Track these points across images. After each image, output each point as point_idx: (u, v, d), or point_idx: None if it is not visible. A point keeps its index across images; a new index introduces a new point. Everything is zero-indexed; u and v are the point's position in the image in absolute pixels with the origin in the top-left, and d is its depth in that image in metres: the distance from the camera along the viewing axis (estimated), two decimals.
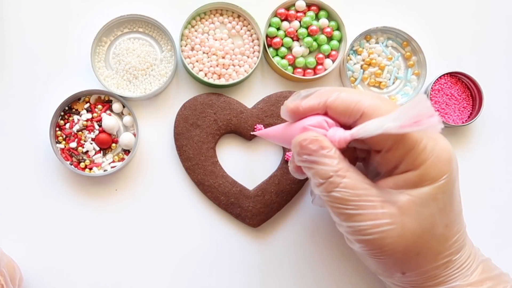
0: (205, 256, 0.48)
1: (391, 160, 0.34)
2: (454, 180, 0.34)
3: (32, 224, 0.47)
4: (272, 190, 0.47)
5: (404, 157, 0.33)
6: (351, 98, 0.34)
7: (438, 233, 0.34)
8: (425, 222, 0.33)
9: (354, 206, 0.33)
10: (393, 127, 0.30)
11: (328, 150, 0.33)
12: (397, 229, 0.33)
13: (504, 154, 0.51)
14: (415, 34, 0.49)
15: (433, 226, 0.34)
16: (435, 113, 0.30)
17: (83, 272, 0.47)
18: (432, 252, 0.34)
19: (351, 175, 0.33)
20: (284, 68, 0.49)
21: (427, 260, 0.34)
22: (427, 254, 0.34)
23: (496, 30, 0.52)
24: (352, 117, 0.34)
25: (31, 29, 0.49)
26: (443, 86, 0.50)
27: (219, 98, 0.48)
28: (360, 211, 0.33)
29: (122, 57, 0.48)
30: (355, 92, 0.35)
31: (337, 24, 0.50)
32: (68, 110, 0.47)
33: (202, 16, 0.49)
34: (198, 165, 0.47)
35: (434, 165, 0.33)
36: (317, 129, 0.34)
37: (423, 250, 0.34)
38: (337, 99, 0.34)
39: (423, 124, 0.30)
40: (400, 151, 0.33)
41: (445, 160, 0.33)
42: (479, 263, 0.37)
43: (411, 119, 0.30)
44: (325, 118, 0.35)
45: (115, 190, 0.48)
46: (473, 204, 0.42)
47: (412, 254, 0.34)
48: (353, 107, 0.34)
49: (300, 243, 0.48)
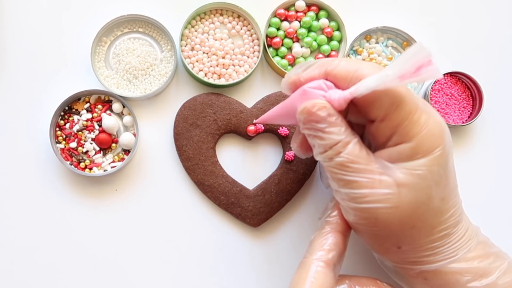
0: (206, 255, 0.48)
1: (384, 131, 0.34)
2: (448, 153, 0.34)
3: (32, 224, 0.47)
4: (272, 189, 0.47)
5: (398, 128, 0.33)
6: (351, 65, 0.34)
7: (434, 206, 0.34)
8: (421, 194, 0.33)
9: (354, 172, 0.33)
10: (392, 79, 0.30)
11: (336, 118, 0.33)
12: (393, 199, 0.33)
13: (504, 154, 0.51)
14: (415, 34, 0.49)
15: (429, 199, 0.34)
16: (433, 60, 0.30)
17: (83, 272, 0.47)
18: (428, 226, 0.34)
19: (354, 142, 0.33)
20: (284, 68, 0.49)
21: (422, 233, 0.34)
22: (422, 227, 0.34)
23: (496, 30, 0.52)
24: (351, 82, 0.34)
25: (31, 29, 0.49)
26: (443, 86, 0.50)
27: (218, 98, 0.48)
28: (359, 178, 0.33)
29: (122, 57, 0.48)
30: (355, 61, 0.35)
31: (337, 24, 0.50)
32: (68, 110, 0.47)
33: (202, 16, 0.49)
34: (198, 165, 0.47)
35: (427, 137, 0.33)
36: (316, 91, 0.34)
37: (418, 223, 0.34)
38: (337, 66, 0.34)
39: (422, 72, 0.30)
40: (394, 121, 0.33)
41: (438, 132, 0.33)
42: (478, 242, 0.36)
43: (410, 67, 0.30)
44: (324, 81, 0.35)
45: (115, 190, 0.48)
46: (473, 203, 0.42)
47: (407, 227, 0.34)
48: (353, 73, 0.34)
49: (300, 242, 0.48)
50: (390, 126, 0.34)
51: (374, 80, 0.31)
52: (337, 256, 0.35)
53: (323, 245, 0.35)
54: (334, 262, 0.35)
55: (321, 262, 0.34)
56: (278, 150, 0.49)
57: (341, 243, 0.36)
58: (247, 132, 0.47)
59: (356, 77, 0.34)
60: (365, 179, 0.33)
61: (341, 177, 0.34)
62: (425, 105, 0.34)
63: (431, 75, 0.30)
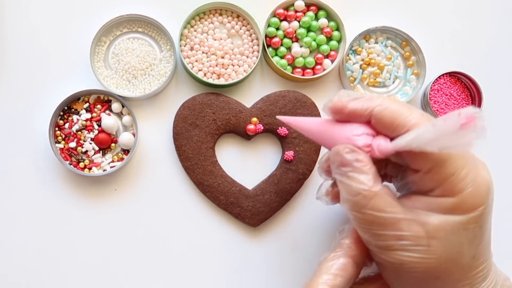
0: (205, 255, 0.48)
1: (428, 183, 0.33)
2: (488, 212, 0.33)
3: (31, 223, 0.47)
4: (271, 189, 0.47)
5: (443, 182, 0.32)
6: (400, 111, 0.32)
7: (464, 262, 0.33)
8: (452, 250, 0.32)
9: (379, 227, 0.32)
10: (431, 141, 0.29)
11: (363, 165, 0.32)
12: (421, 250, 0.32)
13: (504, 154, 0.51)
14: (415, 34, 0.49)
15: (460, 255, 0.32)
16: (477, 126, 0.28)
17: (82, 272, 0.47)
18: (453, 279, 0.33)
19: (380, 197, 0.32)
20: (283, 68, 0.49)
21: (446, 285, 0.33)
22: (447, 279, 0.33)
23: (495, 30, 0.52)
24: (396, 131, 0.32)
25: (30, 29, 0.49)
26: (442, 86, 0.50)
27: (218, 98, 0.48)
28: (385, 232, 0.32)
29: (122, 57, 0.48)
30: (404, 106, 0.33)
31: (336, 24, 0.50)
32: (67, 110, 0.47)
33: (201, 16, 0.49)
34: (197, 165, 0.47)
35: (472, 195, 0.32)
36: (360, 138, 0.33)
37: (444, 276, 0.33)
38: (385, 109, 0.33)
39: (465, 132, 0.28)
40: (440, 175, 0.32)
41: (484, 191, 0.32)
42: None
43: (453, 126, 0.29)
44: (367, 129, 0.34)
45: (114, 190, 0.48)
46: None
47: (432, 278, 0.33)
48: (399, 121, 0.32)
49: (300, 242, 0.48)
50: (435, 179, 0.32)
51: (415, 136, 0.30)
52: (344, 282, 0.34)
53: (330, 268, 0.34)
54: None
55: (327, 286, 0.33)
56: (277, 150, 0.49)
57: (350, 269, 0.34)
58: (247, 132, 0.47)
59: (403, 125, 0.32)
60: (393, 231, 0.32)
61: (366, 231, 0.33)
62: (473, 159, 0.33)
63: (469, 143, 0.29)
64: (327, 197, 0.39)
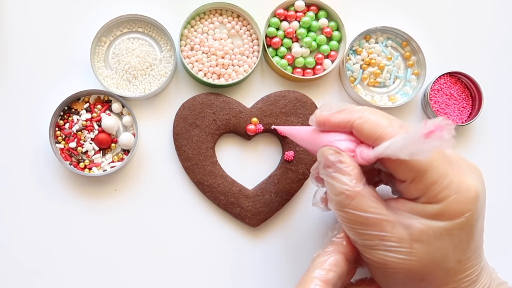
0: (205, 255, 0.48)
1: (413, 192, 0.33)
2: (476, 219, 0.33)
3: (31, 223, 0.47)
4: (271, 189, 0.47)
5: (426, 190, 0.33)
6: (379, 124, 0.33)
7: (448, 266, 0.33)
8: (435, 254, 0.33)
9: (362, 226, 0.33)
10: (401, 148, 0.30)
11: (346, 166, 0.33)
12: (404, 252, 0.33)
13: (504, 154, 0.51)
14: (415, 34, 0.49)
15: (444, 259, 0.33)
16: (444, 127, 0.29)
17: (82, 272, 0.47)
18: (438, 282, 0.34)
19: (362, 197, 0.33)
20: (284, 68, 0.49)
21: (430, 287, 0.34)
22: (431, 282, 0.34)
23: (495, 30, 0.52)
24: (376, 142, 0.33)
25: (30, 29, 0.49)
26: (443, 86, 0.50)
27: (218, 98, 0.48)
28: (368, 231, 0.33)
29: (122, 57, 0.48)
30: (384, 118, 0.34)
31: (336, 24, 0.50)
32: (67, 110, 0.47)
33: (201, 16, 0.49)
34: (197, 165, 0.47)
35: (456, 203, 0.32)
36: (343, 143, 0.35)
37: (428, 278, 0.33)
38: (365, 122, 0.34)
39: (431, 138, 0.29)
40: (423, 184, 0.33)
41: (469, 198, 0.32)
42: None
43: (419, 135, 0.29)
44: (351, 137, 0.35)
45: (114, 190, 0.48)
46: None
47: (415, 279, 0.33)
48: (379, 133, 0.33)
49: (300, 242, 0.48)
50: (419, 188, 0.33)
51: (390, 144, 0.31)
52: (337, 277, 0.35)
53: (323, 264, 0.35)
54: (333, 283, 0.34)
55: (320, 281, 0.34)
56: (277, 150, 0.49)
57: (342, 264, 0.35)
58: (247, 132, 0.47)
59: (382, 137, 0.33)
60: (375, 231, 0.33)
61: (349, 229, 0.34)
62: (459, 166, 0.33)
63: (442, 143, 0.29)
64: (322, 204, 0.40)
